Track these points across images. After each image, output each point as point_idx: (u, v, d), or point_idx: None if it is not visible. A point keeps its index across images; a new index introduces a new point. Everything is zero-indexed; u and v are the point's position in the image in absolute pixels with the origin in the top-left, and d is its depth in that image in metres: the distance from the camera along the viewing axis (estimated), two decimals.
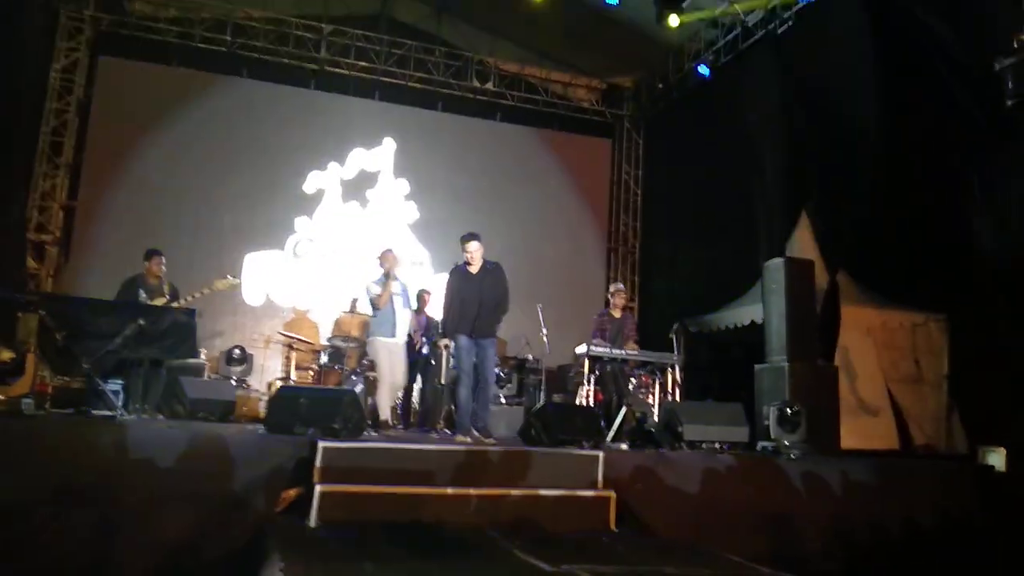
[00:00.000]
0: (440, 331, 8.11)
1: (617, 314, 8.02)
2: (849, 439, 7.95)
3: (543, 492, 4.81)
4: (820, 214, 9.30)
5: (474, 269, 6.58)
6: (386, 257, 7.02)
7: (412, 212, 11.65)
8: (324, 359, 8.70)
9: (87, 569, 4.00)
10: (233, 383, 8.41)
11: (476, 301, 6.44)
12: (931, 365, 8.86)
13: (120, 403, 6.23)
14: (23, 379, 4.72)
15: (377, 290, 6.91)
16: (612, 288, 8.37)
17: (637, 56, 12.26)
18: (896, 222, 8.62)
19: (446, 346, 6.87)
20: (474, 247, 6.55)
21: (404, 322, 7.08)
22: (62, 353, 5.38)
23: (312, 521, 4.35)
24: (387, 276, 6.88)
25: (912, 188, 8.33)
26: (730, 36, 10.55)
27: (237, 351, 9.15)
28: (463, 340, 6.41)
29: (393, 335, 6.94)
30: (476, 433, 6.13)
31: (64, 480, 4.09)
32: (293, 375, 9.00)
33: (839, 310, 8.35)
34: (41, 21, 10.09)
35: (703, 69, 11.18)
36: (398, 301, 6.98)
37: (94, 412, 5.56)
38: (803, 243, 9.28)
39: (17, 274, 9.37)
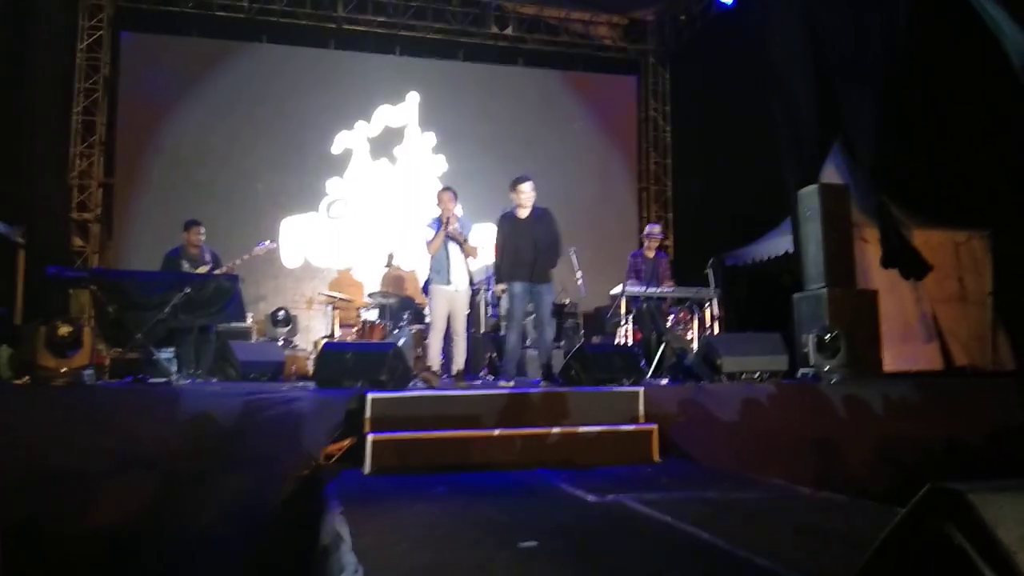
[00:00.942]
0: (486, 278, 8.25)
1: (651, 255, 8.04)
2: (893, 362, 7.94)
3: (586, 429, 4.93)
4: (854, 137, 9.12)
5: (524, 214, 6.50)
6: (441, 198, 6.54)
7: (441, 164, 11.68)
8: (366, 315, 8.88)
9: (154, 527, 4.24)
10: (280, 344, 8.66)
11: (531, 246, 6.37)
12: (975, 283, 8.75)
13: (174, 369, 6.51)
14: (82, 352, 4.94)
15: (429, 234, 6.44)
16: (646, 230, 8.37)
17: None
18: (934, 140, 8.43)
19: (503, 291, 6.55)
20: (527, 188, 6.47)
21: (462, 267, 6.45)
22: (115, 325, 5.60)
23: (366, 469, 4.53)
24: (442, 219, 6.38)
25: (950, 103, 8.12)
26: None
27: (281, 313, 9.38)
28: (518, 287, 6.36)
29: (448, 282, 6.35)
30: (545, 380, 6.22)
31: (127, 444, 4.32)
32: (337, 333, 9.20)
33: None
34: (62, 2, 10.19)
35: None
36: (453, 246, 6.41)
37: (150, 380, 5.81)
38: (838, 168, 9.14)
39: (64, 253, 9.67)
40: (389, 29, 11.82)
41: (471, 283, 6.59)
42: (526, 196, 6.45)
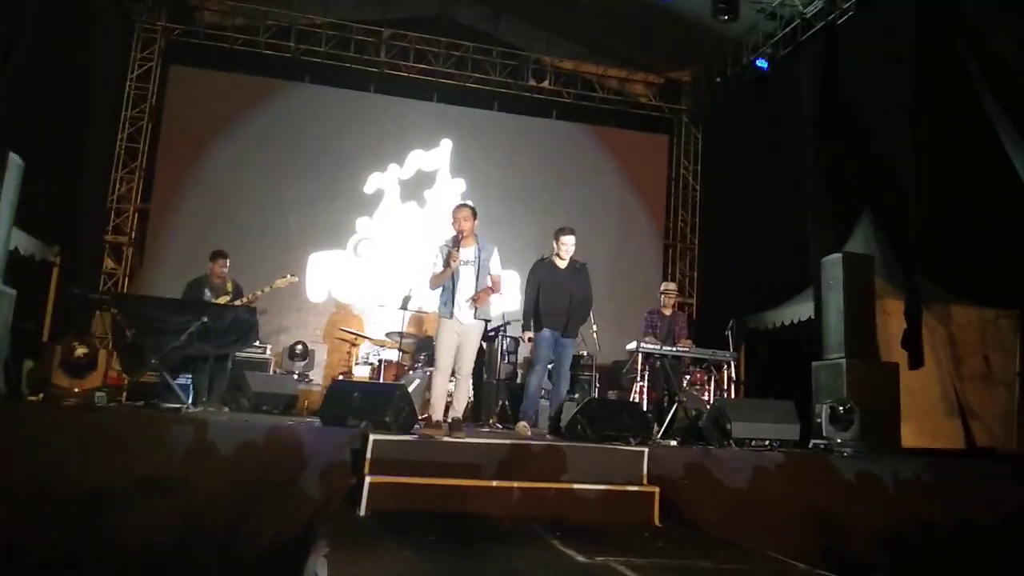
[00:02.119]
0: (505, 324, 8.22)
1: (667, 312, 8.01)
2: (912, 438, 7.76)
3: (586, 486, 4.87)
4: (883, 211, 9.09)
5: (562, 264, 6.55)
6: (456, 216, 5.50)
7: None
8: (384, 354, 8.93)
9: (154, 554, 4.26)
10: (295, 378, 8.72)
11: (566, 298, 6.42)
12: (1002, 362, 8.57)
13: (189, 397, 6.59)
14: (95, 373, 5.03)
15: (439, 262, 5.51)
16: (662, 287, 8.36)
17: (695, 50, 12.14)
18: (963, 218, 8.36)
19: (530, 339, 6.50)
20: (571, 241, 6.51)
21: (468, 296, 5.43)
22: (132, 349, 5.70)
23: (362, 510, 4.52)
24: (456, 241, 5.41)
25: (978, 183, 8.06)
26: (788, 28, 10.36)
27: (299, 347, 9.46)
28: (547, 333, 6.40)
29: (451, 314, 5.39)
30: (549, 434, 6.24)
31: (128, 467, 4.37)
32: (354, 370, 9.26)
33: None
34: (117, 33, 10.62)
35: (761, 62, 11.01)
36: (467, 271, 5.43)
37: (163, 405, 5.88)
38: (866, 239, 9.08)
39: (94, 275, 9.91)
40: (428, 76, 12.10)
41: (487, 318, 5.63)
42: (567, 248, 6.51)
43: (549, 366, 6.84)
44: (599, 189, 12.38)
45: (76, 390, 4.95)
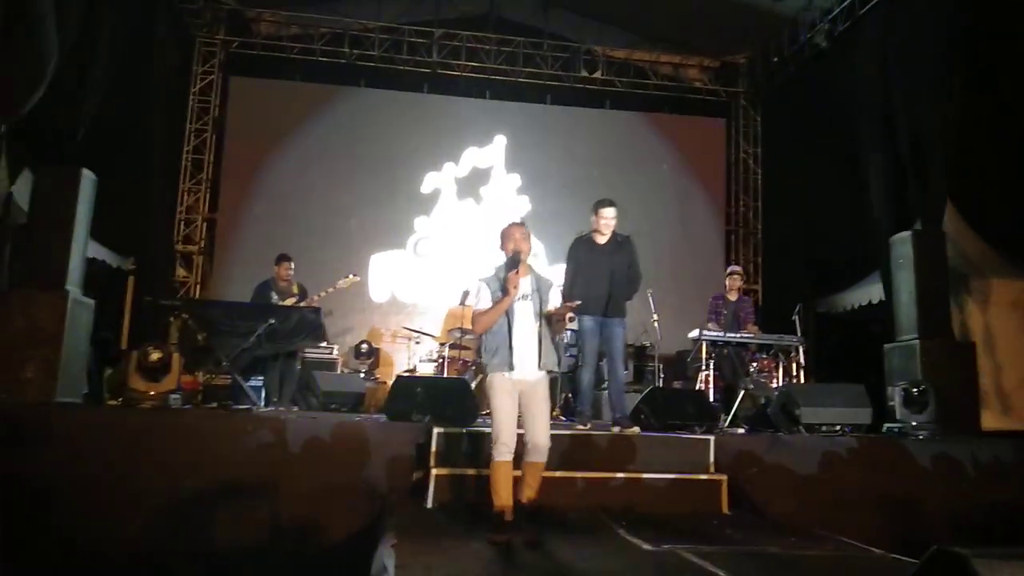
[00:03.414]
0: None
1: (733, 297, 7.88)
2: (994, 421, 7.47)
3: (652, 475, 4.85)
4: (959, 185, 8.74)
5: (602, 240, 5.93)
6: (509, 235, 4.21)
7: (525, 205, 11.82)
8: (446, 351, 9.02)
9: (231, 552, 4.42)
10: (362, 376, 8.89)
11: (606, 276, 5.79)
12: None
13: (261, 398, 6.79)
14: (169, 376, 5.23)
15: (484, 296, 4.08)
16: (729, 270, 8.22)
17: (750, 31, 11.86)
18: None
19: (570, 319, 5.50)
20: (610, 214, 5.87)
21: (532, 342, 4.01)
22: (202, 352, 5.91)
23: (428, 502, 4.60)
24: (514, 263, 4.02)
25: None
26: (845, 2, 10.04)
27: (364, 345, 9.64)
28: (587, 322, 5.79)
29: (511, 366, 3.94)
30: (615, 426, 5.55)
31: (203, 467, 4.53)
32: (418, 367, 9.38)
33: None
34: (179, 48, 10.98)
35: (819, 39, 10.70)
36: (525, 309, 4.05)
37: (235, 406, 6.07)
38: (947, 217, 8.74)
39: (167, 283, 10.28)
40: (481, 74, 12.15)
41: (556, 368, 4.16)
42: (606, 222, 5.90)
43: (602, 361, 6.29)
44: (657, 177, 12.24)
45: (152, 393, 5.16)
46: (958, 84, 8.38)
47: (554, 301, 4.15)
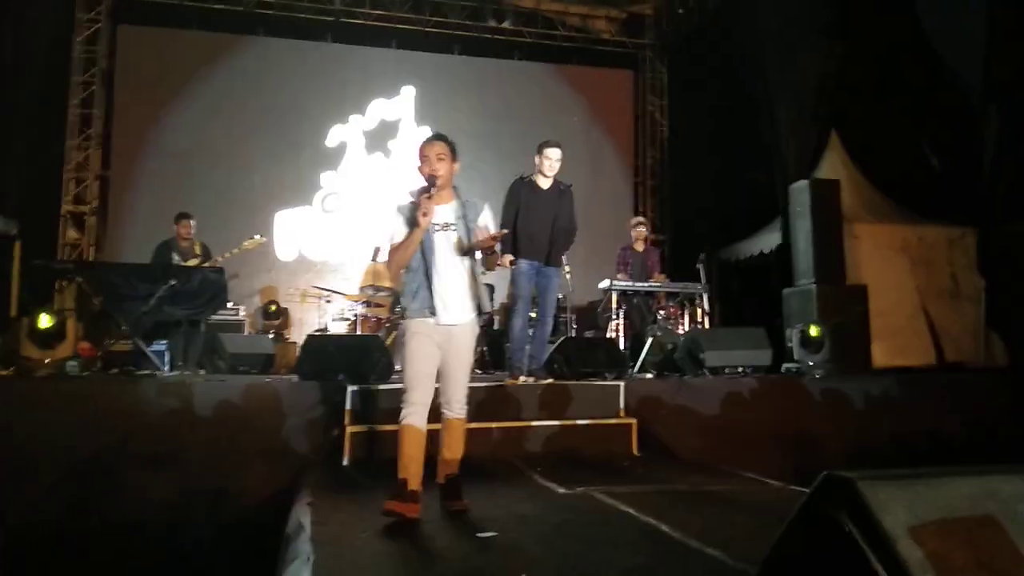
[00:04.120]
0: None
1: (639, 247, 8.04)
2: (884, 357, 7.94)
3: (565, 422, 4.96)
4: (850, 134, 9.11)
5: (545, 184, 5.69)
6: (423, 155, 3.47)
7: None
8: (359, 309, 8.90)
9: (148, 519, 4.29)
10: (271, 337, 8.69)
11: (548, 223, 5.58)
12: (968, 279, 8.73)
13: (165, 363, 6.56)
14: (65, 343, 4.99)
15: (398, 227, 3.46)
16: (631, 222, 8.36)
17: None
18: (930, 138, 8.43)
19: (512, 263, 5.45)
20: (556, 155, 5.65)
21: (460, 282, 3.46)
22: (100, 317, 5.64)
23: (345, 460, 4.59)
24: (429, 188, 3.37)
25: (945, 106, 8.11)
26: None
27: (272, 306, 9.42)
28: (525, 265, 5.55)
29: (432, 311, 3.39)
30: (529, 376, 5.46)
31: (109, 436, 4.37)
32: (330, 326, 9.24)
33: None
34: None
35: None
36: (446, 241, 3.46)
37: (137, 372, 5.84)
38: (834, 165, 9.11)
39: (56, 245, 9.74)
40: (386, 23, 11.81)
41: (481, 311, 3.52)
42: (551, 163, 5.66)
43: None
44: (567, 129, 12.22)
45: (47, 361, 4.91)
46: (850, 31, 8.71)
47: (486, 227, 3.52)
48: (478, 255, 3.53)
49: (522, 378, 5.52)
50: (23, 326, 4.96)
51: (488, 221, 3.61)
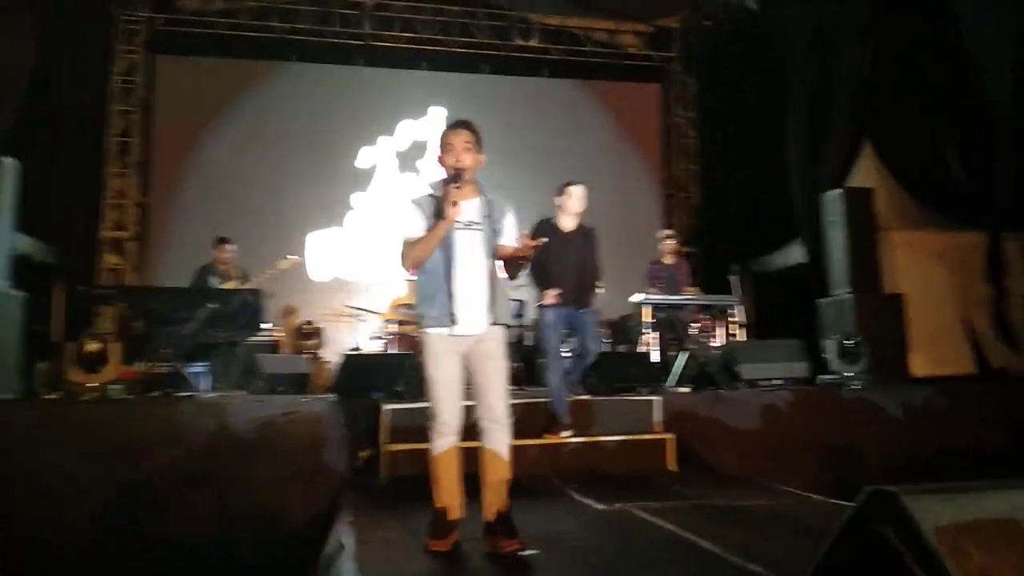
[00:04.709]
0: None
1: (668, 260, 8.02)
2: (923, 367, 7.81)
3: (601, 438, 4.96)
4: (884, 141, 9.01)
5: (569, 225, 5.42)
6: (447, 144, 3.25)
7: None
8: (392, 328, 8.98)
9: (174, 537, 4.36)
10: (307, 357, 8.80)
11: (573, 266, 5.28)
12: (1011, 284, 8.56)
13: (207, 383, 6.68)
14: (108, 367, 5.11)
15: (415, 224, 3.18)
16: (659, 235, 8.34)
17: None
18: (966, 143, 8.31)
19: (555, 297, 5.16)
20: (580, 193, 5.44)
21: (481, 287, 3.13)
22: (142, 340, 5.77)
23: (382, 478, 4.63)
24: (454, 179, 3.13)
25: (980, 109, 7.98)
26: None
27: (308, 326, 9.53)
28: (551, 316, 5.22)
29: (451, 320, 3.06)
30: (571, 428, 5.06)
31: (151, 457, 4.45)
32: (364, 345, 9.33)
33: None
34: (98, 27, 10.54)
35: (749, 2, 10.85)
36: (469, 240, 3.14)
37: (177, 393, 5.96)
38: (867, 172, 9.02)
39: (96, 270, 9.97)
40: (416, 45, 11.99)
41: (512, 316, 3.44)
42: (575, 202, 5.42)
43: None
44: (595, 144, 12.31)
45: (90, 385, 5.03)
46: (881, 40, 8.64)
47: (510, 233, 3.22)
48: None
49: (564, 433, 5.08)
50: (69, 351, 5.09)
51: (513, 226, 3.29)
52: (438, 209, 3.07)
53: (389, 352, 8.02)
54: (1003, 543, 1.18)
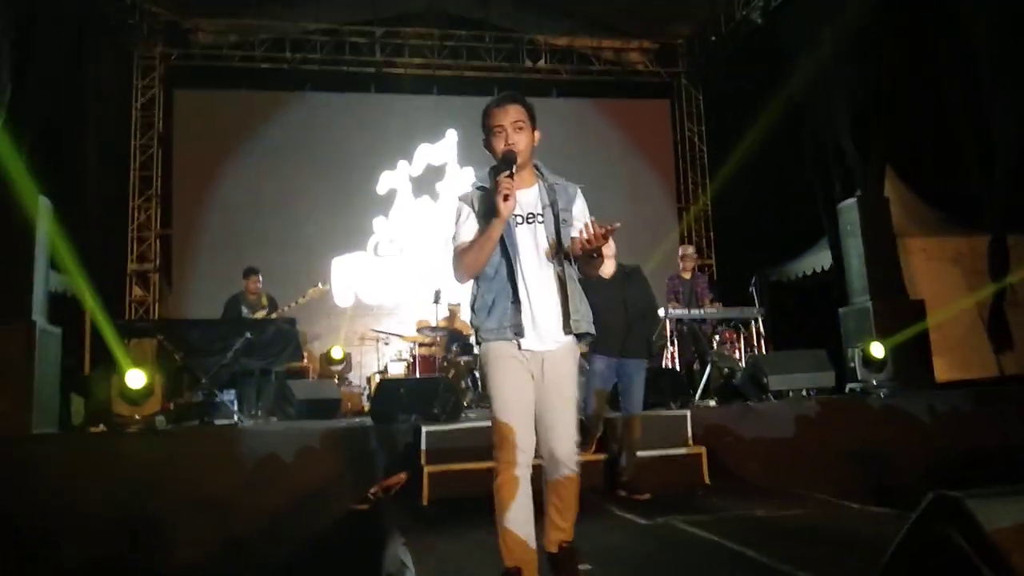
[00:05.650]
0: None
1: (687, 275, 8.10)
2: (946, 371, 7.87)
3: (636, 454, 5.03)
4: (896, 149, 9.11)
5: (605, 271, 4.40)
6: (495, 123, 2.71)
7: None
8: (416, 351, 9.11)
9: (222, 561, 4.48)
10: (335, 382, 8.94)
11: (620, 308, 4.79)
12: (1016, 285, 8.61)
13: (241, 411, 6.82)
14: (152, 399, 5.24)
15: (467, 224, 2.70)
16: (680, 251, 8.44)
17: (687, 10, 12.14)
18: (976, 147, 8.39)
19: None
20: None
21: (550, 293, 2.64)
22: (181, 372, 5.92)
23: (424, 500, 4.72)
24: (506, 166, 2.57)
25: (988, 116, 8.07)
26: None
27: (335, 351, 9.67)
28: (600, 363, 4.80)
29: (517, 330, 2.57)
30: (622, 491, 4.65)
31: (199, 484, 4.58)
32: (389, 367, 9.45)
33: None
34: (116, 63, 10.78)
35: (755, 16, 11.00)
36: (531, 236, 2.68)
37: (216, 422, 6.10)
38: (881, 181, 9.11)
39: (123, 303, 10.16)
40: (426, 70, 12.20)
41: (585, 326, 2.68)
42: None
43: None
44: (608, 161, 12.44)
45: (136, 417, 5.17)
46: (888, 49, 8.76)
47: (583, 221, 2.61)
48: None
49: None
50: (114, 385, 5.24)
51: (585, 211, 2.78)
52: (490, 204, 2.53)
53: (423, 376, 8.11)
54: None
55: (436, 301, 8.58)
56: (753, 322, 8.24)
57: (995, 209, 7.95)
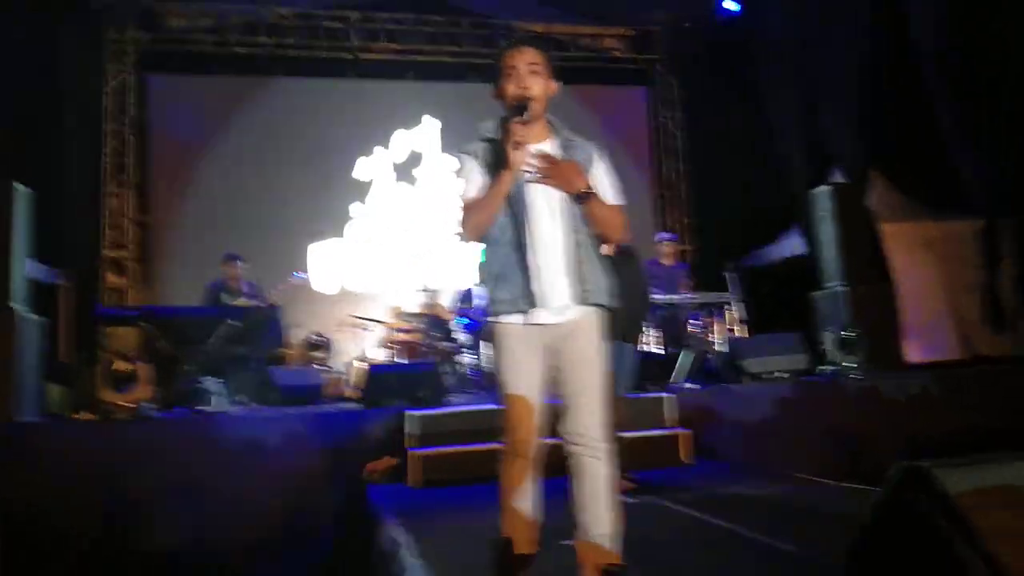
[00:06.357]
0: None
1: (667, 263, 8.21)
2: (916, 353, 8.05)
3: (620, 435, 5.15)
4: (868, 135, 9.26)
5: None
6: (508, 66, 2.61)
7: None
8: (398, 336, 9.16)
9: (216, 545, 4.53)
10: (316, 368, 8.96)
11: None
12: (995, 271, 8.82)
13: (226, 398, 6.84)
14: (139, 385, 5.26)
15: (472, 179, 2.51)
16: (656, 239, 8.54)
17: None
18: (949, 134, 8.55)
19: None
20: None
21: (567, 259, 2.42)
22: (166, 359, 5.93)
23: (411, 483, 4.82)
24: (519, 112, 2.44)
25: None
26: None
27: (315, 337, 9.69)
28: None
29: (530, 303, 2.36)
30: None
31: (188, 470, 4.62)
32: (369, 354, 9.49)
33: None
34: (85, 46, 10.62)
35: (730, 3, 11.11)
36: (548, 197, 2.44)
37: (201, 409, 6.11)
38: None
39: (98, 290, 10.08)
40: (403, 56, 12.16)
41: (607, 296, 2.50)
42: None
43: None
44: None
45: (124, 404, 5.18)
46: (866, 33, 8.88)
47: (602, 183, 2.55)
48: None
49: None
50: (99, 372, 5.24)
51: (606, 175, 2.63)
52: (498, 156, 2.34)
53: (412, 362, 8.17)
54: (1020, 504, 1.40)
55: (424, 289, 8.63)
56: (729, 307, 8.38)
57: (985, 193, 8.11)
